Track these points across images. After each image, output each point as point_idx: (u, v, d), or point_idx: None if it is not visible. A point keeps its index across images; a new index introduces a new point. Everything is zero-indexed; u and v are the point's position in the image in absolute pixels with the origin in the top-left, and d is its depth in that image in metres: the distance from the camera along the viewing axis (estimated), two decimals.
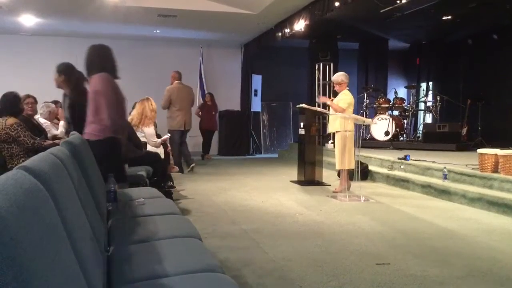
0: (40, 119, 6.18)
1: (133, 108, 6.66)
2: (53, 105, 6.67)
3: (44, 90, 8.74)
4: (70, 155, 2.16)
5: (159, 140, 6.44)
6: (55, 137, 5.84)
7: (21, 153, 4.50)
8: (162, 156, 6.30)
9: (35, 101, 5.72)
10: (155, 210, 3.18)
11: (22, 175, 1.13)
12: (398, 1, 7.27)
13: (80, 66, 4.15)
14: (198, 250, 2.32)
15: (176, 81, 9.14)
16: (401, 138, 10.59)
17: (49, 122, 6.43)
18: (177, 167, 6.99)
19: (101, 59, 3.91)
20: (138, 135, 5.97)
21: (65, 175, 1.73)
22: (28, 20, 9.96)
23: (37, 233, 0.99)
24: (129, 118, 6.24)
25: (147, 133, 6.22)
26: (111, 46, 12.42)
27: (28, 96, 5.56)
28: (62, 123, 6.40)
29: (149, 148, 6.28)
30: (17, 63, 11.54)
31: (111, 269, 2.08)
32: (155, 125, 7.69)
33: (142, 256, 2.21)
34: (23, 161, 4.38)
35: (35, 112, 5.85)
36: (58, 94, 8.64)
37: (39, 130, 5.14)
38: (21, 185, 1.05)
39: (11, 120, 4.48)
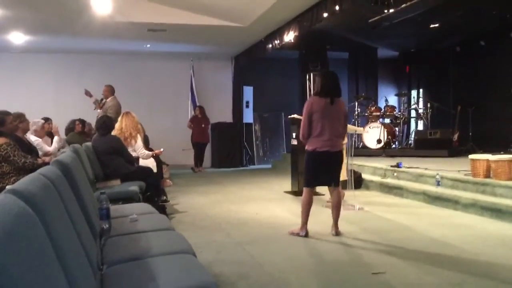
0: (32, 136, 6.14)
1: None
2: (42, 121, 6.63)
3: (34, 107, 8.74)
4: (61, 175, 2.14)
5: (147, 152, 6.38)
6: (46, 154, 5.80)
7: (12, 172, 4.46)
8: (155, 170, 6.27)
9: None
10: (149, 226, 3.16)
11: (11, 200, 1.12)
12: (385, 11, 7.34)
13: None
14: (192, 266, 2.30)
15: (113, 96, 8.60)
16: (393, 146, 10.63)
17: (40, 139, 6.38)
18: (170, 181, 6.96)
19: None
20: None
21: (56, 196, 1.71)
22: (17, 37, 9.94)
23: (26, 259, 0.98)
24: (117, 133, 6.14)
25: (135, 147, 6.18)
26: (102, 62, 12.53)
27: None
28: (56, 138, 6.37)
29: (142, 162, 6.25)
30: (6, 80, 11.50)
31: None
32: (147, 139, 7.66)
33: (135, 274, 2.20)
34: (14, 180, 4.34)
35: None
36: (48, 111, 8.64)
37: (30, 149, 5.10)
38: (9, 210, 1.04)
39: (1, 140, 4.45)
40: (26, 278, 0.95)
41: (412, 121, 12.34)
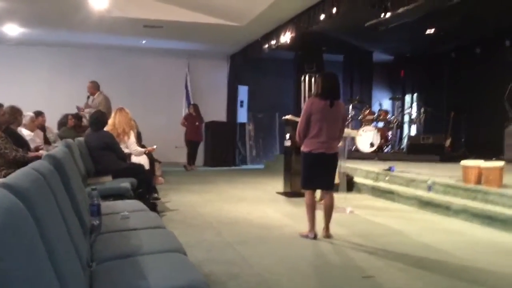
0: (24, 130, 6.10)
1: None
2: (31, 115, 6.59)
3: (27, 100, 8.67)
4: (52, 170, 2.13)
5: (140, 149, 6.36)
6: (37, 148, 5.76)
7: (2, 165, 4.42)
8: (147, 167, 6.25)
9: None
10: (139, 224, 3.14)
11: (1, 194, 1.11)
12: (382, 15, 7.37)
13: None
14: (182, 265, 2.29)
15: (99, 91, 8.46)
16: (386, 150, 10.67)
17: (32, 133, 6.35)
18: (162, 178, 6.93)
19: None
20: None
21: (47, 191, 1.70)
22: (12, 29, 9.87)
23: (16, 254, 0.97)
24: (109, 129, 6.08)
25: (128, 143, 6.15)
26: (97, 56, 12.49)
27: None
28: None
29: (134, 159, 6.22)
30: (0, 73, 11.40)
31: (94, 285, 2.04)
32: (140, 135, 7.63)
33: (125, 271, 2.18)
34: (5, 173, 4.31)
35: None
36: (41, 105, 8.59)
37: (22, 143, 5.06)
38: (0, 204, 1.03)
39: None
40: (17, 272, 0.94)
41: (406, 126, 12.40)
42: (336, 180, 6.32)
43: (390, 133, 10.93)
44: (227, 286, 3.32)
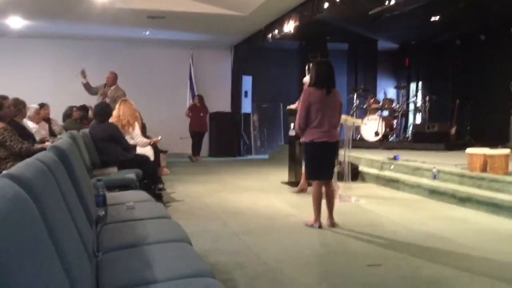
0: (29, 122, 6.13)
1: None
2: (36, 107, 6.61)
3: (32, 93, 8.68)
4: (57, 160, 2.13)
5: (145, 140, 6.37)
6: (43, 140, 5.78)
7: (8, 157, 4.45)
8: (152, 158, 6.26)
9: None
10: (145, 214, 3.16)
11: (6, 184, 1.11)
12: (386, 2, 7.30)
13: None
14: (187, 255, 2.30)
15: (116, 85, 8.39)
16: (391, 138, 10.63)
17: (37, 126, 6.37)
18: (167, 169, 6.95)
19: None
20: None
21: (52, 182, 1.70)
22: (16, 22, 9.86)
23: (20, 245, 0.97)
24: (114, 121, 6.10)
25: (132, 134, 6.17)
26: (101, 48, 12.45)
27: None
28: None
29: (139, 150, 6.24)
30: (4, 66, 11.41)
31: (100, 275, 2.06)
32: (144, 127, 7.64)
33: (131, 261, 2.20)
34: (10, 165, 4.33)
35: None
36: (45, 97, 8.60)
37: (28, 135, 5.09)
38: (4, 194, 1.03)
39: None
40: (21, 265, 0.94)
41: (411, 114, 12.35)
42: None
43: (395, 121, 10.89)
44: (233, 275, 3.34)
